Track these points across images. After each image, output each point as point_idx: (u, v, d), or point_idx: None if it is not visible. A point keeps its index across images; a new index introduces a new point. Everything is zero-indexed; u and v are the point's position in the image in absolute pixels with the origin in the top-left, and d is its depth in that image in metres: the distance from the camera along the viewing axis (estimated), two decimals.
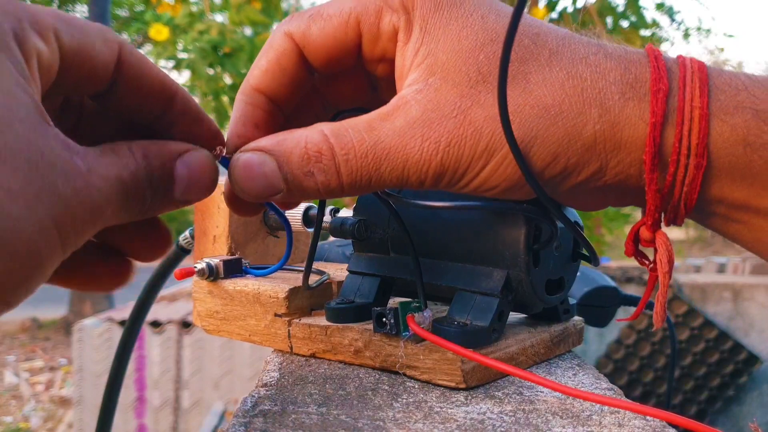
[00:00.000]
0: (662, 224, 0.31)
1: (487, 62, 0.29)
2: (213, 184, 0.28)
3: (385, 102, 0.31)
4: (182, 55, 2.60)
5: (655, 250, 0.31)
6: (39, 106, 0.22)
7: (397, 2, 0.30)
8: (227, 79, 2.60)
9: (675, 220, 0.30)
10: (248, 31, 2.82)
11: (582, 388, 0.35)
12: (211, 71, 2.57)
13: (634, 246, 0.32)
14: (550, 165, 0.29)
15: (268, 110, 0.32)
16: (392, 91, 0.33)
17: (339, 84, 0.34)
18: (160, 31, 2.52)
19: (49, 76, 0.24)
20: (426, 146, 0.29)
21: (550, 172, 0.29)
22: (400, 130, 0.29)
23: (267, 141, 0.30)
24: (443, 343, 0.33)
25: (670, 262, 0.30)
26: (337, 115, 0.34)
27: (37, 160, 0.21)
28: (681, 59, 0.29)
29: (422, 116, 0.29)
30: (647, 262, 0.32)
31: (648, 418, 0.31)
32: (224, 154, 0.30)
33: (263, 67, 0.32)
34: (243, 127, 0.32)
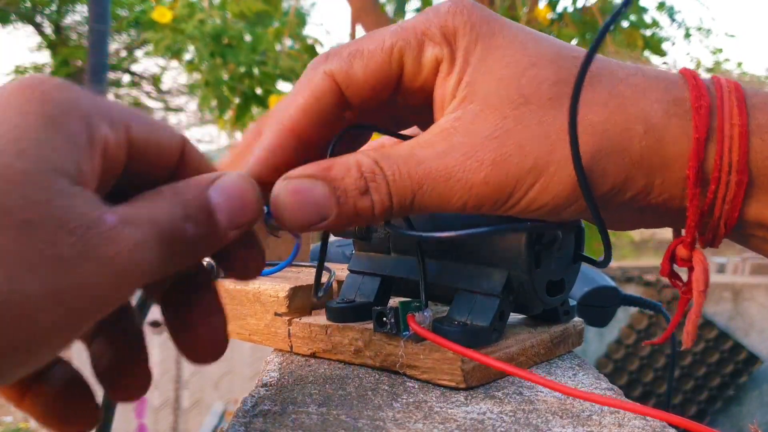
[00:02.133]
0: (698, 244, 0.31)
1: (529, 85, 0.29)
2: (258, 203, 0.27)
3: (408, 123, 0.31)
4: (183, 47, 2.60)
5: (691, 269, 0.31)
6: (80, 172, 0.21)
7: (439, 35, 0.30)
8: (225, 76, 2.59)
9: (713, 242, 0.30)
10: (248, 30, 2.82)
11: (582, 388, 0.35)
12: (206, 65, 2.56)
13: (670, 265, 0.31)
14: (599, 182, 0.29)
15: (295, 154, 0.31)
16: (420, 117, 0.33)
17: (366, 114, 0.34)
18: (163, 14, 2.49)
19: (117, 161, 0.24)
20: (469, 164, 0.28)
21: (600, 190, 0.29)
22: (441, 152, 0.29)
23: (312, 168, 0.29)
24: (444, 343, 0.33)
25: (707, 281, 0.30)
26: (347, 130, 0.33)
27: (41, 222, 0.19)
28: (716, 79, 0.30)
29: (464, 139, 0.29)
30: (680, 284, 0.32)
31: (648, 418, 0.31)
32: None
33: (300, 105, 0.31)
34: (265, 170, 0.31)
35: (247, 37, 2.56)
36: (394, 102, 0.33)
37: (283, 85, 2.73)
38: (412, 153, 0.29)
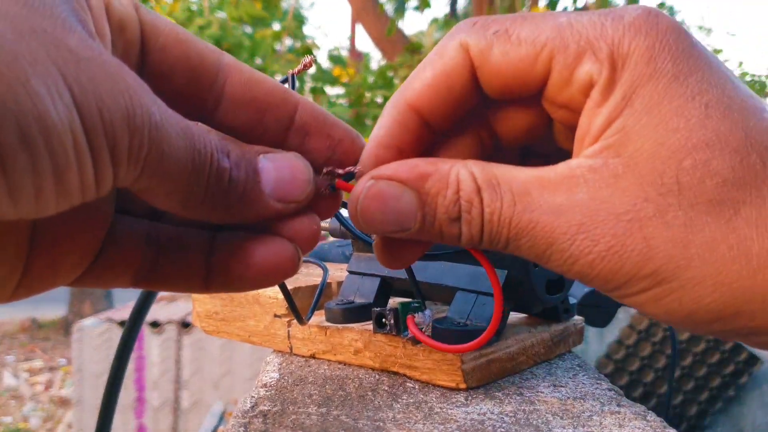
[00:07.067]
0: None
1: (691, 172, 0.22)
2: (308, 183, 0.25)
3: (556, 148, 0.27)
4: None
5: None
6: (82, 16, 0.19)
7: (605, 51, 0.24)
8: None
9: None
10: (248, 29, 2.82)
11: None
12: None
13: None
14: (724, 319, 0.23)
15: (418, 134, 0.27)
16: (570, 141, 0.27)
17: (509, 113, 0.29)
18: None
19: (128, 35, 0.22)
20: (580, 239, 0.23)
21: (719, 327, 0.23)
22: (557, 208, 0.24)
23: (404, 171, 0.25)
24: (440, 346, 0.33)
25: None
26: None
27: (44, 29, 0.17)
28: None
29: (588, 203, 0.24)
30: None
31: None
32: (354, 170, 0.27)
33: (427, 80, 0.26)
34: (384, 150, 0.27)
35: (246, 42, 2.56)
36: (542, 112, 0.28)
37: None
38: (525, 190, 0.24)
